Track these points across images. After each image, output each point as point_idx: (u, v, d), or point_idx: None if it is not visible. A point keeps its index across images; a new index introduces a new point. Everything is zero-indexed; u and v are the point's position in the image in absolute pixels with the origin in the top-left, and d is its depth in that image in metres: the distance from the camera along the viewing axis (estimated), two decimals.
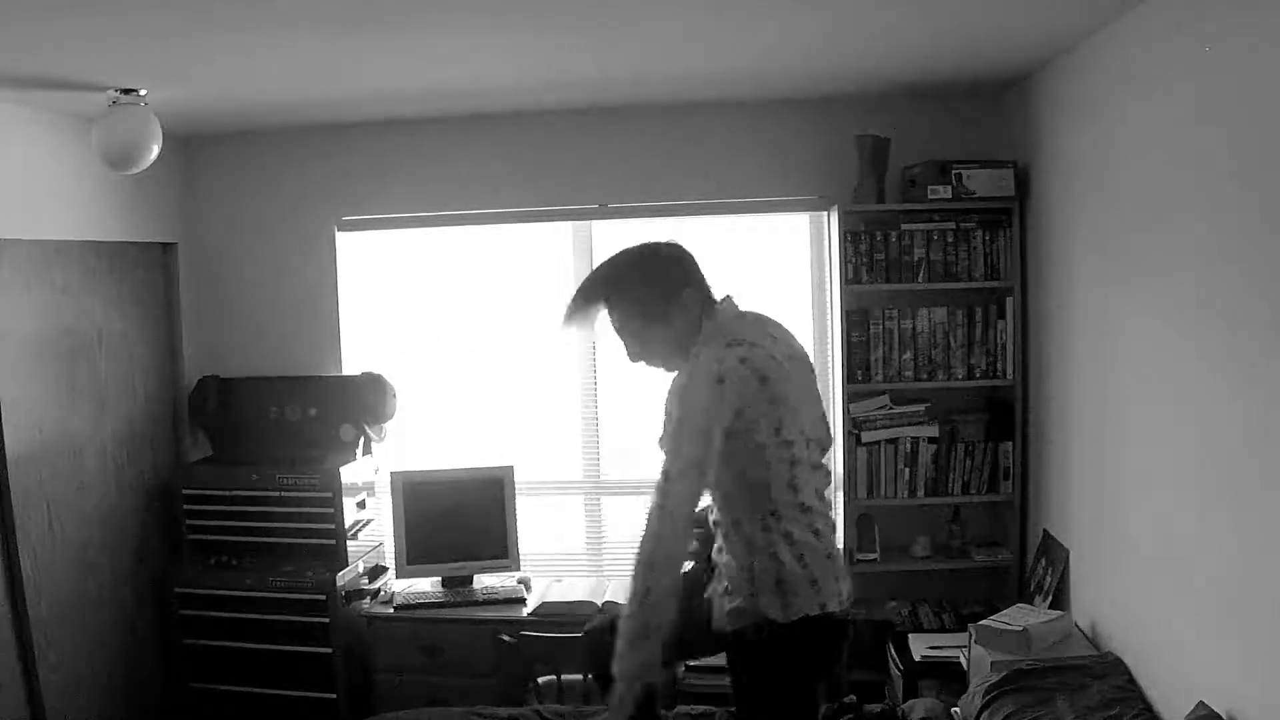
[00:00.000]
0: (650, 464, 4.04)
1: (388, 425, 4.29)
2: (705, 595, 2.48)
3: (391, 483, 4.19)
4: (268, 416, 4.26)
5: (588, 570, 4.48)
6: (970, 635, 3.28)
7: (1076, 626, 3.29)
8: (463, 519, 4.18)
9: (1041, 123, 3.63)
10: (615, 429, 4.45)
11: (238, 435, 4.29)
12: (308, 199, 4.39)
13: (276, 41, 2.89)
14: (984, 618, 3.31)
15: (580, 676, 3.45)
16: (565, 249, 4.42)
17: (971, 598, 4.03)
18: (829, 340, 4.17)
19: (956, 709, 3.04)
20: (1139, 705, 2.66)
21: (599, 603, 3.90)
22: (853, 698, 3.32)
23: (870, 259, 3.90)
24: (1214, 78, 2.37)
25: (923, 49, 3.32)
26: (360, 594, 4.04)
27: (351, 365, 4.41)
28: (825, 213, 4.14)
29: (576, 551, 4.54)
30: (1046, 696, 2.74)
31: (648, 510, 2.20)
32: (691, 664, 3.56)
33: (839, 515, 4.15)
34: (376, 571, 4.22)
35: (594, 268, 2.49)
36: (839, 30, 3.04)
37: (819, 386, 2.53)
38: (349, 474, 4.06)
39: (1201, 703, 2.34)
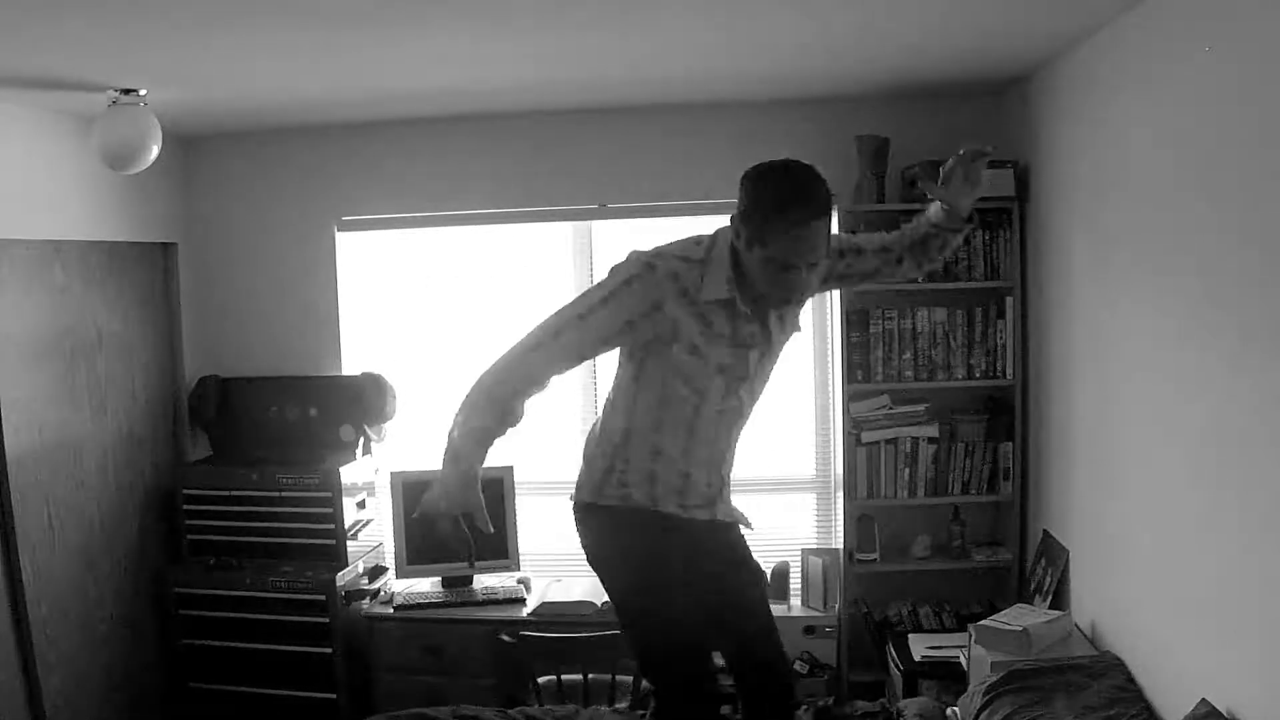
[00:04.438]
0: None
1: (388, 425, 4.29)
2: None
3: (391, 483, 4.19)
4: (268, 416, 4.26)
5: (587, 570, 4.44)
6: (970, 635, 3.27)
7: (1076, 626, 3.29)
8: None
9: (1041, 123, 3.63)
10: None
11: (238, 435, 4.30)
12: (308, 199, 4.39)
13: (276, 41, 2.89)
14: (984, 618, 3.31)
15: (580, 676, 3.45)
16: (565, 249, 4.42)
17: (971, 598, 4.03)
18: (829, 340, 4.17)
19: (955, 709, 3.04)
20: (1138, 705, 2.66)
21: (598, 603, 3.90)
22: (828, 700, 3.33)
23: None
24: (1214, 78, 2.37)
25: (923, 49, 3.32)
26: (360, 594, 4.04)
27: (351, 365, 4.41)
28: None
29: (576, 551, 4.51)
30: (1046, 696, 2.74)
31: None
32: None
33: (839, 515, 4.17)
34: (376, 571, 4.21)
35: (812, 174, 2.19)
36: (839, 30, 3.04)
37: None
38: (349, 474, 4.06)
39: (1204, 700, 2.34)
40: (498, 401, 2.29)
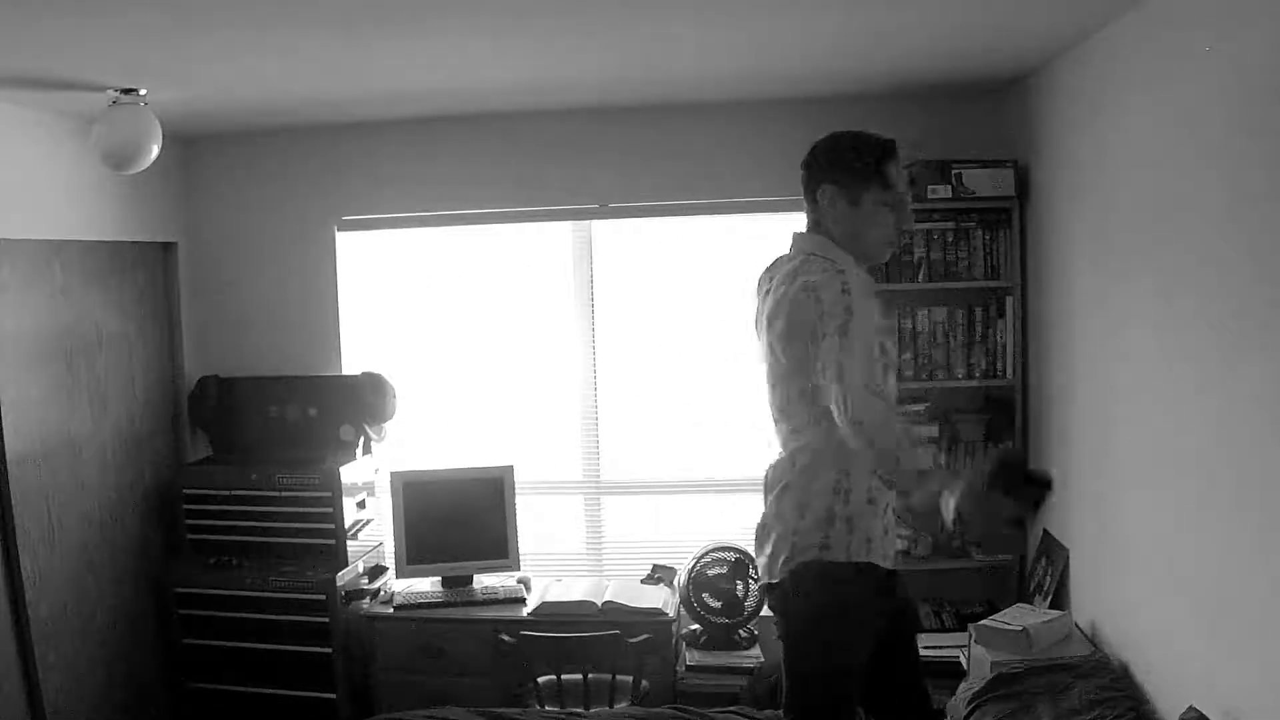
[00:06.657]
0: (649, 463, 4.00)
1: (388, 425, 4.29)
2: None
3: (391, 483, 4.19)
4: (268, 416, 4.26)
5: (587, 570, 4.48)
6: (970, 635, 3.28)
7: (1076, 626, 3.29)
8: (462, 519, 4.18)
9: (1041, 122, 3.63)
10: (615, 429, 4.45)
11: (238, 435, 4.30)
12: (308, 199, 4.40)
13: (276, 41, 2.89)
14: (984, 617, 3.31)
15: (580, 676, 3.45)
16: (565, 249, 4.42)
17: (971, 598, 4.03)
18: None
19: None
20: (1124, 705, 2.65)
21: (599, 603, 3.90)
22: None
23: None
24: (1214, 78, 2.37)
25: (923, 49, 3.32)
26: (360, 594, 4.04)
27: (351, 365, 4.41)
28: None
29: (576, 551, 4.54)
30: (1029, 703, 2.73)
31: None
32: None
33: None
34: (376, 571, 4.22)
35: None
36: (839, 30, 3.04)
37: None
38: (349, 474, 4.06)
39: (1191, 706, 2.34)
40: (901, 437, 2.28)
